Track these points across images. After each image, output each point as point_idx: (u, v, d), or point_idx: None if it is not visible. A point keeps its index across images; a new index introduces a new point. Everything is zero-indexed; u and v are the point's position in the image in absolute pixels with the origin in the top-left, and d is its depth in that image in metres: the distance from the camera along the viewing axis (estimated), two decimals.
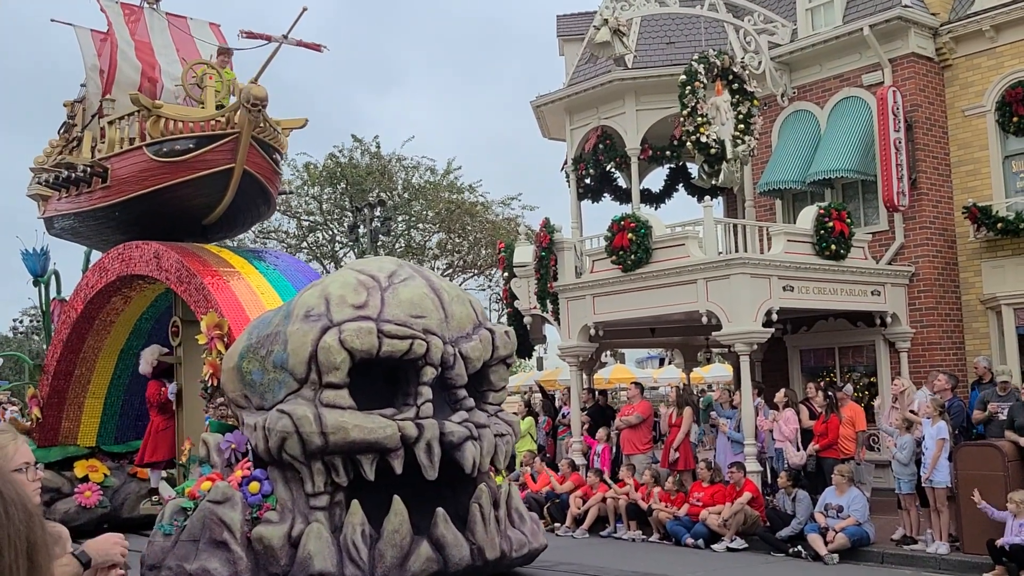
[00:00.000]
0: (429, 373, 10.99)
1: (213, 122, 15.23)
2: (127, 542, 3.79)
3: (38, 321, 55.86)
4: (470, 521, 10.94)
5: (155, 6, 17.90)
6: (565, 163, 22.71)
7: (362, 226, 31.83)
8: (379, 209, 31.71)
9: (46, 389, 17.77)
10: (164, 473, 16.98)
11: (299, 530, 10.62)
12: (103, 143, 16.71)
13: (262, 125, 15.13)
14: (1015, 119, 18.27)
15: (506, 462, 11.80)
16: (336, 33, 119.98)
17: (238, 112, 14.88)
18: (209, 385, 12.86)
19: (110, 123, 16.52)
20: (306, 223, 39.57)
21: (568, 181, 22.50)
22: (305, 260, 33.82)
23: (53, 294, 19.85)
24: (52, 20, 17.85)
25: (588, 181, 22.40)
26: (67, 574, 3.25)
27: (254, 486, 10.95)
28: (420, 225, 40.30)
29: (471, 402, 11.37)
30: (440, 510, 10.72)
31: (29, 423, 18.10)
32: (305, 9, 14.25)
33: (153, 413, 16.63)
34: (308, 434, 10.53)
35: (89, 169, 16.67)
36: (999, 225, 18.06)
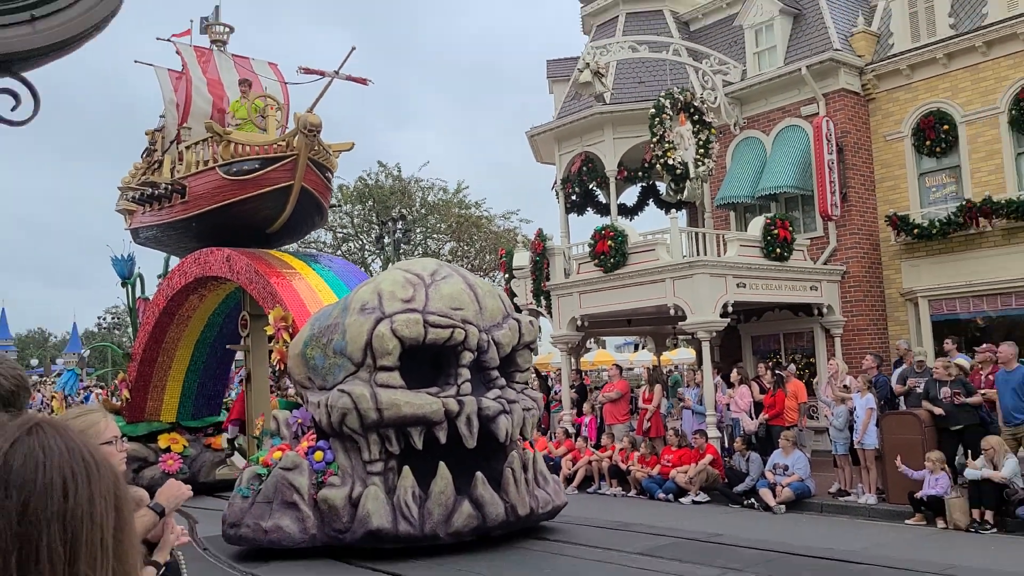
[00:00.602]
0: (467, 357, 10.55)
1: (275, 146, 14.81)
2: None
3: (119, 318, 55.36)
4: (504, 483, 10.46)
5: (223, 49, 17.32)
6: (555, 183, 22.19)
7: (387, 237, 31.29)
8: (401, 223, 31.09)
9: (134, 374, 17.19)
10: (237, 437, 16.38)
11: (358, 492, 10.12)
12: (181, 164, 16.23)
13: (316, 148, 14.70)
14: (927, 142, 17.96)
15: (532, 433, 11.25)
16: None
17: (296, 137, 14.45)
18: (277, 369, 12.24)
19: (187, 147, 16.03)
20: (340, 235, 39.02)
21: (557, 198, 21.99)
22: None
23: (139, 294, 19.25)
24: (136, 62, 17.26)
25: (574, 198, 21.94)
26: (146, 523, 3.14)
27: (318, 455, 10.46)
28: (435, 235, 39.83)
29: (503, 381, 10.90)
30: (479, 474, 10.26)
31: (120, 403, 17.54)
32: (354, 48, 14.04)
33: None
34: (365, 410, 10.06)
35: (170, 187, 16.18)
36: (915, 231, 17.72)
